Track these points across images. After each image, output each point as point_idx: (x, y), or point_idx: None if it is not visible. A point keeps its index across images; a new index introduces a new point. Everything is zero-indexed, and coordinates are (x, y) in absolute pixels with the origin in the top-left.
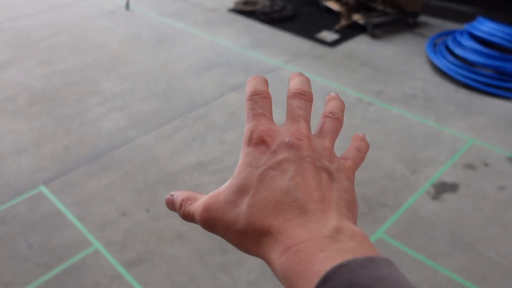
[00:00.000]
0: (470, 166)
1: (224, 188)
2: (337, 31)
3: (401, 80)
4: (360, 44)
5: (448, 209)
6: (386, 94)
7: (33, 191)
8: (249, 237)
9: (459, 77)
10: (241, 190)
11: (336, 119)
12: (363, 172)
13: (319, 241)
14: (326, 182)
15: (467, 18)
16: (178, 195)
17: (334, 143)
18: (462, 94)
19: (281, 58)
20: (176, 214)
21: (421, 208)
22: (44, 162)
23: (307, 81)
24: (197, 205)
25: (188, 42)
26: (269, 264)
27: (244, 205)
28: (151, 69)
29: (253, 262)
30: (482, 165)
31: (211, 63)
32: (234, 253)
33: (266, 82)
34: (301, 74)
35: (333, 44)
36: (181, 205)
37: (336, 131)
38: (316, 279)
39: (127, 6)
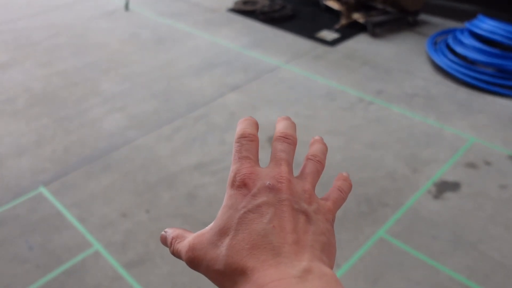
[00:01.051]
0: (471, 165)
1: (207, 229)
2: (337, 30)
3: (401, 79)
4: (360, 43)
5: (449, 208)
6: (387, 93)
7: (33, 192)
8: (227, 277)
9: (460, 76)
10: (222, 232)
11: (318, 162)
12: (364, 171)
13: (287, 281)
14: (303, 225)
15: (468, 16)
16: (170, 232)
17: (315, 185)
18: (463, 93)
19: (281, 57)
20: (177, 215)
21: (423, 208)
22: (44, 163)
23: (293, 125)
24: (183, 244)
25: (188, 42)
26: None
27: (224, 246)
28: (151, 70)
29: None
30: (483, 164)
31: (211, 63)
32: None
33: (255, 125)
34: (288, 118)
35: (333, 43)
36: (171, 243)
37: (318, 173)
38: None
39: (127, 6)
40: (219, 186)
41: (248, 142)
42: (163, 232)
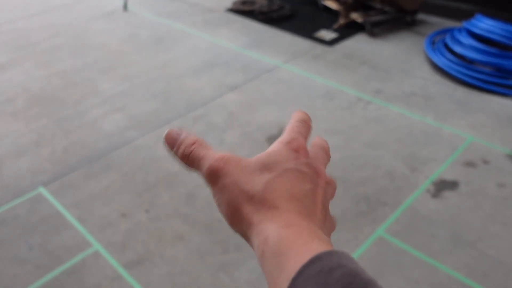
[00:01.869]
0: (470, 164)
1: (247, 159)
2: (335, 30)
3: (400, 79)
4: (359, 42)
5: (448, 207)
6: (385, 93)
7: (32, 193)
8: (252, 202)
9: (458, 75)
10: (267, 166)
11: (324, 143)
12: (363, 171)
13: (318, 232)
14: (327, 207)
15: (466, 15)
16: (187, 135)
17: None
18: (461, 92)
19: (280, 57)
20: (176, 215)
21: (421, 206)
22: (44, 164)
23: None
24: (210, 153)
25: (186, 42)
26: (258, 230)
27: (265, 177)
28: (150, 70)
29: (254, 262)
30: (482, 163)
31: (210, 63)
32: (235, 253)
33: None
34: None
35: (332, 43)
36: (191, 145)
37: (328, 158)
38: (311, 254)
39: (125, 7)
40: None
41: (308, 127)
42: (173, 129)
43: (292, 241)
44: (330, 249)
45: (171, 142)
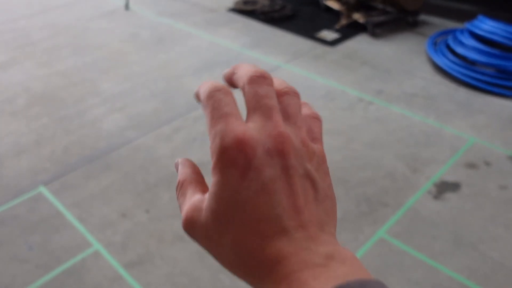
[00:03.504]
0: (471, 165)
1: (205, 207)
2: (337, 30)
3: (401, 79)
4: (360, 43)
5: (449, 209)
6: (387, 93)
7: (32, 192)
8: (238, 269)
9: (459, 76)
10: (222, 218)
11: (295, 94)
12: (364, 171)
13: (312, 271)
14: (310, 194)
15: (468, 16)
16: (180, 172)
17: (304, 126)
18: (463, 93)
19: (281, 57)
20: (177, 216)
21: (423, 208)
22: (44, 163)
23: (258, 68)
24: (184, 205)
25: (187, 42)
26: None
27: (229, 236)
28: (151, 70)
29: None
30: (483, 164)
31: (210, 63)
32: None
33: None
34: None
35: (333, 43)
36: (176, 188)
37: (300, 109)
38: None
39: (127, 6)
40: None
41: (225, 95)
42: (176, 162)
43: None
44: (330, 287)
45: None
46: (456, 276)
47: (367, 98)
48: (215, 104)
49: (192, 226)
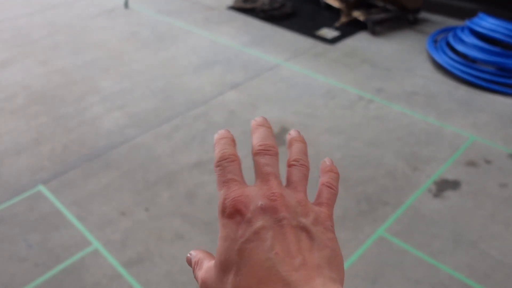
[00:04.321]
0: (471, 164)
1: (213, 264)
2: (337, 28)
3: (401, 77)
4: (361, 41)
5: (449, 207)
6: (387, 91)
7: (32, 191)
8: None
9: (460, 74)
10: (224, 268)
11: (302, 166)
12: (364, 170)
13: None
14: (306, 243)
15: (468, 14)
16: (193, 256)
17: (306, 192)
18: (463, 91)
19: (281, 55)
20: (176, 214)
21: (423, 206)
22: (43, 162)
23: (269, 132)
24: (201, 273)
25: (187, 40)
26: None
27: (229, 284)
28: (151, 68)
29: None
30: (483, 162)
31: (210, 61)
32: None
33: (233, 143)
34: (262, 124)
35: (333, 41)
36: (193, 268)
37: (305, 178)
38: None
39: (126, 4)
40: None
41: (230, 164)
42: (188, 255)
43: None
44: None
45: (191, 267)
46: (456, 274)
47: (367, 97)
48: (220, 171)
49: (207, 282)
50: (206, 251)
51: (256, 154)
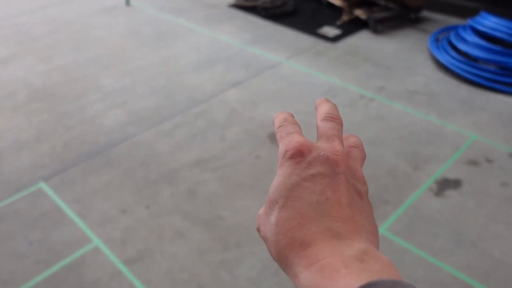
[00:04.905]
0: (472, 163)
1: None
2: (338, 27)
3: (403, 76)
4: (362, 39)
5: (450, 206)
6: (388, 90)
7: (32, 188)
8: (275, 248)
9: (462, 73)
10: (272, 200)
11: (361, 151)
12: (365, 169)
13: (343, 258)
14: (357, 202)
15: (470, 13)
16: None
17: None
18: (465, 90)
19: (283, 54)
20: (177, 212)
21: (424, 205)
22: (44, 159)
23: (335, 107)
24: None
25: (188, 38)
26: (293, 278)
27: (274, 215)
28: (152, 66)
29: (254, 259)
30: (485, 162)
31: (211, 59)
32: (235, 251)
33: (293, 116)
34: (329, 100)
35: (335, 39)
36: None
37: (363, 159)
38: None
39: (127, 2)
40: (219, 183)
41: (292, 124)
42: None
43: (317, 285)
44: (366, 281)
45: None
46: (457, 273)
47: (368, 95)
48: (283, 128)
49: (258, 222)
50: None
51: (322, 120)
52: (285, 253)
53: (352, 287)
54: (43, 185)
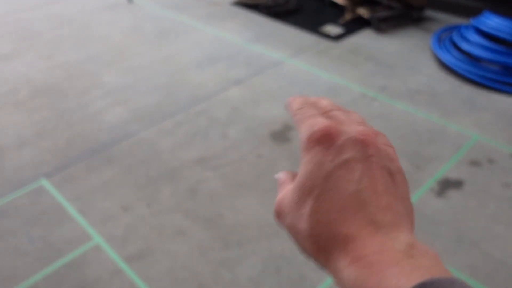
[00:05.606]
0: (474, 163)
1: (292, 186)
2: (341, 25)
3: (405, 75)
4: (365, 38)
5: (452, 206)
6: (390, 90)
7: (34, 185)
8: (311, 241)
9: (464, 73)
10: (305, 190)
11: (384, 136)
12: None
13: (392, 254)
14: (391, 186)
15: (473, 12)
16: (279, 178)
17: None
18: (467, 90)
19: (285, 52)
20: (178, 210)
21: (425, 205)
22: (46, 156)
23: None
24: (279, 195)
25: (191, 35)
26: (333, 273)
27: (308, 206)
28: (154, 63)
29: (255, 258)
30: (486, 162)
31: (214, 57)
32: (236, 249)
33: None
34: (297, 97)
35: (337, 38)
36: (278, 191)
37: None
38: None
39: None
40: (220, 181)
41: (312, 106)
42: (275, 176)
43: (365, 282)
44: (419, 280)
45: None
46: (458, 274)
47: (370, 94)
48: (303, 111)
49: (280, 208)
50: (293, 173)
51: (298, 109)
52: (326, 247)
53: (405, 287)
54: (44, 182)
